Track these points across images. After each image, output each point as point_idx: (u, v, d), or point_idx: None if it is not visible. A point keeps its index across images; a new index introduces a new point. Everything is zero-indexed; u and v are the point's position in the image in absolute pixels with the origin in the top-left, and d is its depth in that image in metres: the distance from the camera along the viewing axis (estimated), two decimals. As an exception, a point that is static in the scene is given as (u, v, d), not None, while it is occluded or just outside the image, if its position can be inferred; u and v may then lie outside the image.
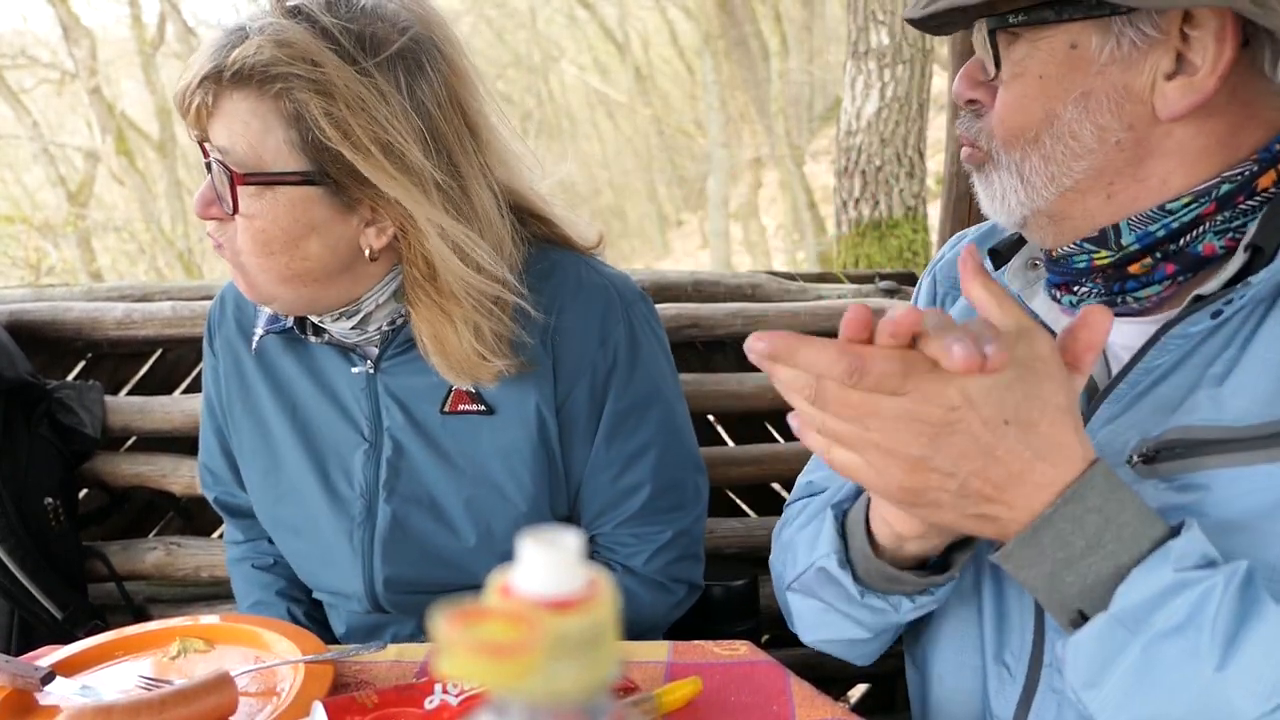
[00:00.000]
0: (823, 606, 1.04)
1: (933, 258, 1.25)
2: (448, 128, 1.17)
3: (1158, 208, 0.91)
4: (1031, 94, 0.91)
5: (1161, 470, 0.87)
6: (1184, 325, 0.88)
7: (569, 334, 1.25)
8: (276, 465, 1.35)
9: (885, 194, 6.06)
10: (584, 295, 1.27)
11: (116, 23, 12.31)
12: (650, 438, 1.31)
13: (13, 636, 1.79)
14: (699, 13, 12.30)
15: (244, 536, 1.51)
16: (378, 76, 1.11)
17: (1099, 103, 0.90)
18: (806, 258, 10.95)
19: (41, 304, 2.00)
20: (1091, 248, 0.94)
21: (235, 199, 1.13)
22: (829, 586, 1.01)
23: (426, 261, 1.17)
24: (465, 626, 0.34)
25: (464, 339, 1.18)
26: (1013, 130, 0.93)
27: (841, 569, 0.98)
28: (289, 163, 1.13)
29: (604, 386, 1.28)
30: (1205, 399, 0.86)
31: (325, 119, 1.09)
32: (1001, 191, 0.96)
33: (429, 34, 1.17)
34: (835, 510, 1.02)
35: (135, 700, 0.96)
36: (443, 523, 1.29)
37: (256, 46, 1.09)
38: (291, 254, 1.16)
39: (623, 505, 1.32)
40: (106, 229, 11.89)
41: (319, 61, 1.09)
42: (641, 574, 1.34)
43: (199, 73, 1.11)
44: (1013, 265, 1.05)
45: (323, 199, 1.14)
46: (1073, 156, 0.92)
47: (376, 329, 1.26)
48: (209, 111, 1.13)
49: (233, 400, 1.38)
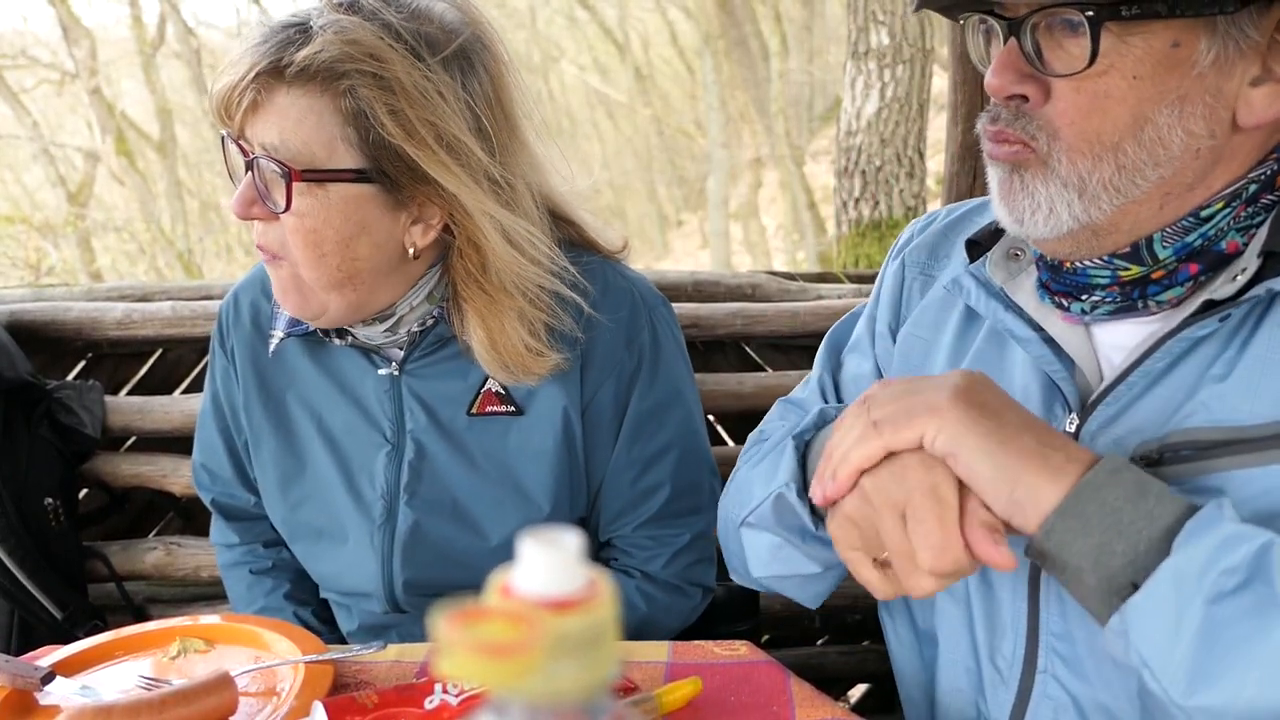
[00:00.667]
0: (777, 542, 1.03)
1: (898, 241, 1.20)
2: (495, 126, 1.18)
3: (1193, 215, 0.88)
4: (1118, 95, 0.83)
5: (1169, 474, 0.85)
6: (1193, 329, 0.86)
7: (597, 336, 1.27)
8: (300, 468, 1.35)
9: (885, 194, 6.06)
10: (611, 298, 1.28)
11: (116, 23, 12.31)
12: (671, 439, 1.32)
13: (13, 636, 1.79)
14: (699, 13, 12.30)
15: (239, 539, 1.49)
16: (440, 73, 1.12)
17: (1193, 108, 0.84)
18: (806, 258, 10.95)
19: (41, 304, 2.00)
20: (1122, 264, 0.90)
21: (290, 196, 1.12)
22: (785, 517, 1.00)
23: (479, 253, 1.17)
24: (465, 626, 0.34)
25: (516, 333, 1.19)
26: (1087, 135, 0.85)
27: (799, 499, 0.97)
28: (345, 160, 1.12)
29: (629, 388, 1.29)
30: (1209, 400, 0.85)
31: (389, 116, 1.09)
32: (1048, 201, 0.88)
33: (477, 34, 1.18)
34: (796, 440, 1.01)
35: (135, 700, 0.96)
36: (464, 525, 1.29)
37: (324, 44, 1.08)
38: (343, 255, 1.15)
39: (642, 507, 1.33)
40: (106, 229, 11.89)
41: (385, 59, 1.09)
42: (660, 579, 1.34)
43: (254, 68, 1.09)
44: (993, 257, 1.01)
45: (375, 197, 1.15)
46: (1153, 165, 0.85)
47: (406, 331, 1.26)
48: (256, 107, 1.11)
49: (251, 403, 1.36)
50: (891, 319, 1.15)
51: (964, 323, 1.06)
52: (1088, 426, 0.90)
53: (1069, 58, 0.84)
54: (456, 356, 1.26)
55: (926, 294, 1.11)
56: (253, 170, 1.13)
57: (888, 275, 1.17)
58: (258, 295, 1.37)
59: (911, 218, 6.20)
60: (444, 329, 1.26)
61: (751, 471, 1.09)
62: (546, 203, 1.29)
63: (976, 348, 1.03)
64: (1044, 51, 0.85)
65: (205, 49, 11.91)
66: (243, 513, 1.48)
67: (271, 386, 1.36)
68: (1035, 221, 0.89)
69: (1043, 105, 0.86)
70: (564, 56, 15.01)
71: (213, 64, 11.71)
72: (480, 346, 1.20)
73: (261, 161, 1.12)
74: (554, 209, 1.31)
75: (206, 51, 11.88)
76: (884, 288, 1.17)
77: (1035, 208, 0.88)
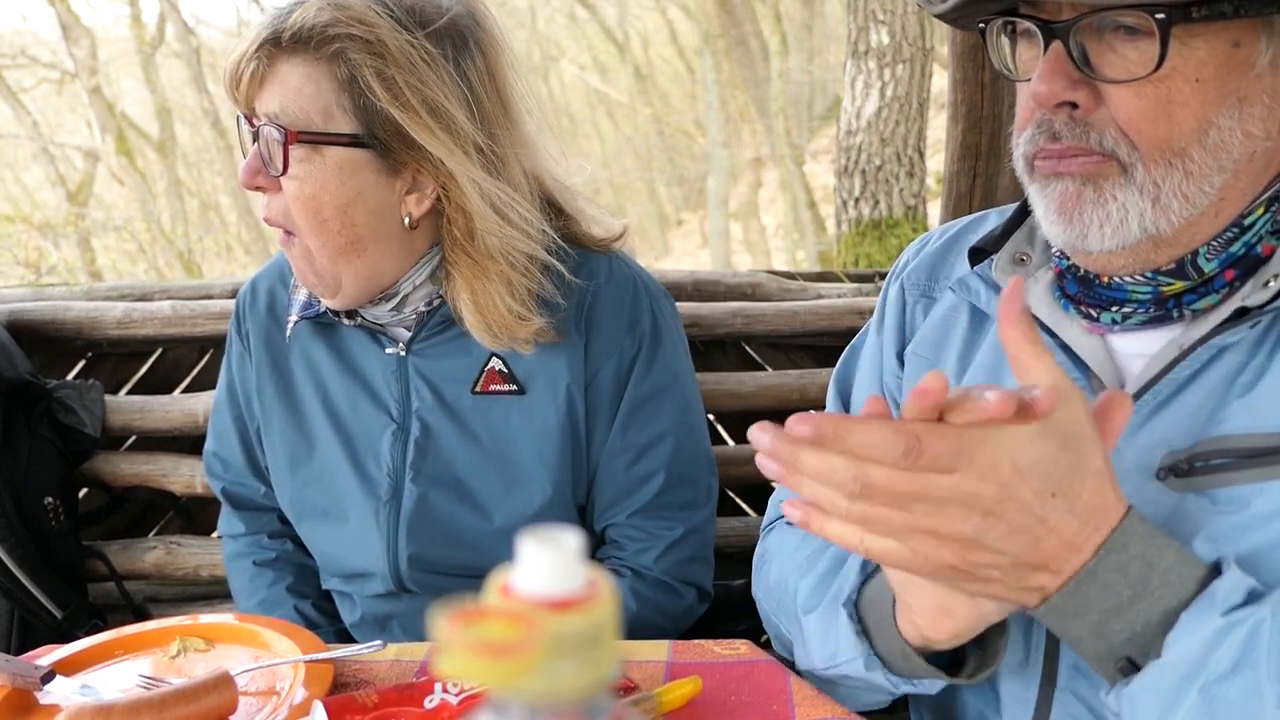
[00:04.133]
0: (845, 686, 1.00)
1: (896, 264, 1.18)
2: (488, 105, 1.22)
3: (1236, 225, 0.86)
4: (1182, 99, 0.80)
5: (1197, 484, 0.83)
6: (1224, 336, 0.83)
7: (601, 318, 1.30)
8: (309, 449, 1.37)
9: (885, 193, 6.06)
10: (615, 283, 1.32)
11: (116, 22, 12.30)
12: (666, 427, 1.34)
13: (13, 636, 1.79)
14: (699, 12, 12.29)
15: (245, 529, 1.51)
16: (428, 45, 1.16)
17: (1251, 110, 0.82)
18: (806, 257, 10.94)
19: (41, 304, 2.00)
20: (1166, 279, 0.87)
21: (286, 158, 1.17)
22: (855, 678, 0.96)
23: (465, 218, 1.21)
24: (465, 626, 0.34)
25: (500, 297, 1.22)
26: (1157, 141, 0.81)
27: (870, 670, 0.92)
28: (340, 125, 1.18)
29: (628, 371, 1.32)
30: (1239, 408, 0.83)
31: (377, 79, 1.14)
32: (1120, 211, 0.84)
33: (470, 11, 1.23)
34: (848, 608, 0.94)
35: (135, 699, 0.96)
36: (468, 504, 1.30)
37: (316, 9, 1.14)
38: (341, 220, 1.20)
39: (636, 494, 1.34)
40: (106, 229, 11.89)
41: (373, 24, 1.14)
42: (650, 576, 1.35)
43: (256, 39, 1.16)
44: (998, 262, 1.00)
45: (369, 162, 1.19)
46: (1217, 170, 0.83)
47: (413, 310, 1.29)
48: (261, 79, 1.17)
49: (264, 385, 1.40)
50: (897, 343, 1.13)
51: (969, 336, 1.04)
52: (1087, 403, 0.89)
53: (1124, 62, 0.80)
54: (462, 335, 1.29)
55: (930, 314, 1.10)
56: (257, 140, 1.19)
57: (889, 300, 1.15)
58: (275, 283, 1.42)
59: (911, 217, 6.21)
60: (449, 309, 1.29)
61: (806, 620, 1.01)
62: (540, 184, 1.32)
63: (982, 359, 1.01)
64: (1091, 56, 0.82)
65: (205, 48, 11.91)
66: (251, 502, 1.51)
67: (284, 369, 1.39)
68: (1102, 235, 0.85)
69: (1094, 112, 0.83)
70: (564, 56, 15.00)
71: (212, 63, 11.72)
72: (467, 311, 1.24)
73: (264, 129, 1.18)
74: (548, 192, 1.33)
75: (206, 51, 11.88)
76: (886, 313, 1.15)
77: (1105, 219, 0.84)
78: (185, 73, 11.99)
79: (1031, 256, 0.99)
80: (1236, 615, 0.73)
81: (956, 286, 1.03)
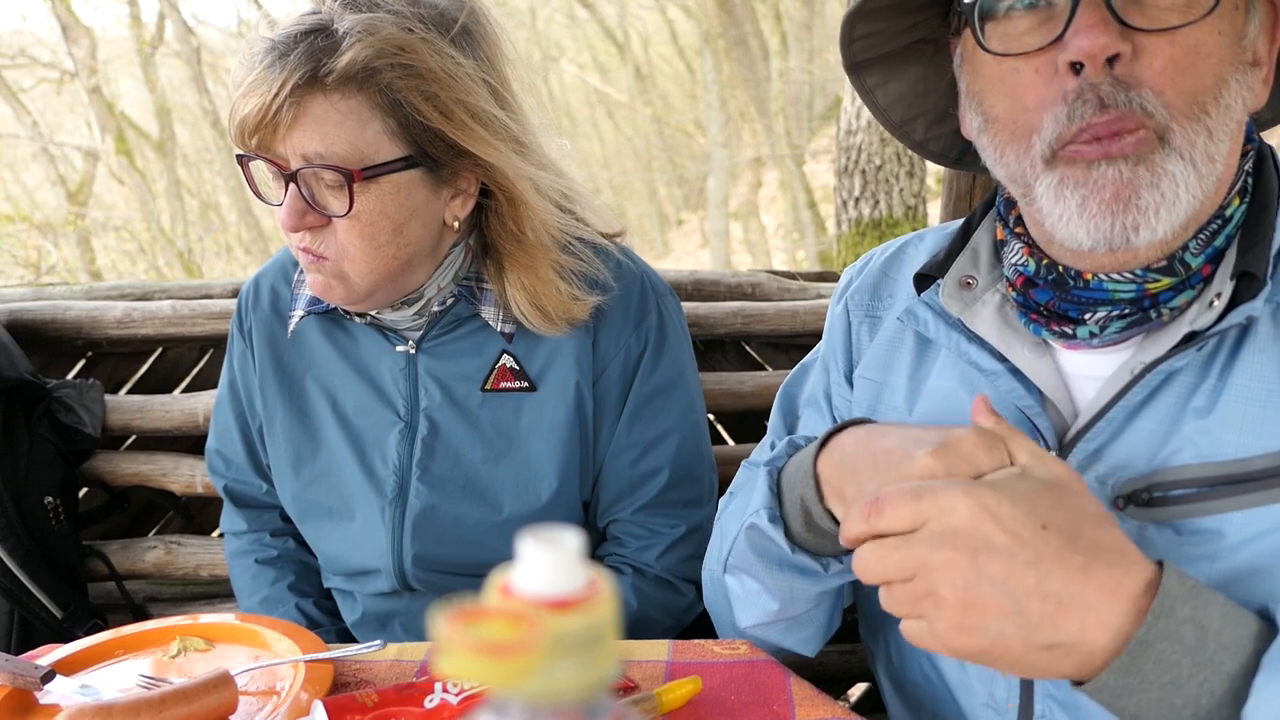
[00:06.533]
0: (757, 586, 1.00)
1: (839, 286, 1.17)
2: (505, 95, 1.23)
3: (1218, 216, 0.84)
4: (1208, 50, 0.76)
5: (1159, 515, 0.81)
6: (1172, 361, 0.82)
7: (609, 315, 1.31)
8: (314, 447, 1.37)
9: (885, 193, 6.06)
10: (623, 280, 1.33)
11: (116, 22, 12.32)
12: (671, 424, 1.34)
13: (13, 636, 1.79)
14: (699, 12, 12.28)
15: (247, 526, 1.51)
16: (454, 52, 1.15)
17: (1244, 73, 0.79)
18: (806, 257, 10.95)
19: (41, 303, 2.00)
20: (1154, 276, 0.84)
21: (353, 198, 1.13)
22: (761, 546, 0.96)
23: (517, 212, 1.22)
24: (465, 626, 0.34)
25: (554, 283, 1.24)
26: (1187, 95, 0.76)
27: (773, 524, 0.93)
28: (390, 150, 1.15)
29: (634, 368, 1.32)
30: (1194, 434, 0.81)
31: (424, 101, 1.13)
32: (1173, 189, 0.77)
33: (473, 11, 1.22)
34: (770, 467, 0.98)
35: (135, 699, 0.96)
36: (475, 501, 1.31)
37: (358, 46, 1.09)
38: (397, 242, 1.19)
39: (640, 490, 1.34)
40: (106, 228, 11.89)
41: (412, 48, 1.12)
42: (651, 574, 1.35)
43: (286, 84, 1.09)
44: (944, 288, 0.97)
45: (421, 180, 1.18)
46: (1225, 135, 0.79)
47: (426, 308, 1.29)
48: (295, 121, 1.11)
49: (267, 383, 1.39)
50: (845, 365, 1.12)
51: (916, 360, 1.03)
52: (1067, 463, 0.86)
53: (1156, 10, 0.75)
54: (473, 333, 1.29)
55: (876, 335, 1.08)
56: (296, 182, 1.14)
57: (835, 322, 1.14)
58: (278, 280, 1.41)
59: (911, 217, 6.21)
60: (463, 308, 1.29)
61: (724, 513, 1.06)
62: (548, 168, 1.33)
63: (935, 385, 0.99)
64: (1120, 9, 0.76)
65: (205, 48, 11.91)
66: (253, 500, 1.51)
67: (288, 367, 1.39)
68: (1158, 219, 0.78)
69: (1131, 67, 0.76)
70: (564, 56, 15.00)
71: (212, 63, 11.72)
72: (524, 304, 1.25)
73: (306, 172, 1.13)
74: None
75: (206, 51, 11.88)
76: (834, 335, 1.14)
77: (1161, 200, 0.78)
78: (185, 73, 11.99)
79: (977, 279, 0.96)
80: None
81: (904, 317, 1.01)
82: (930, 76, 0.98)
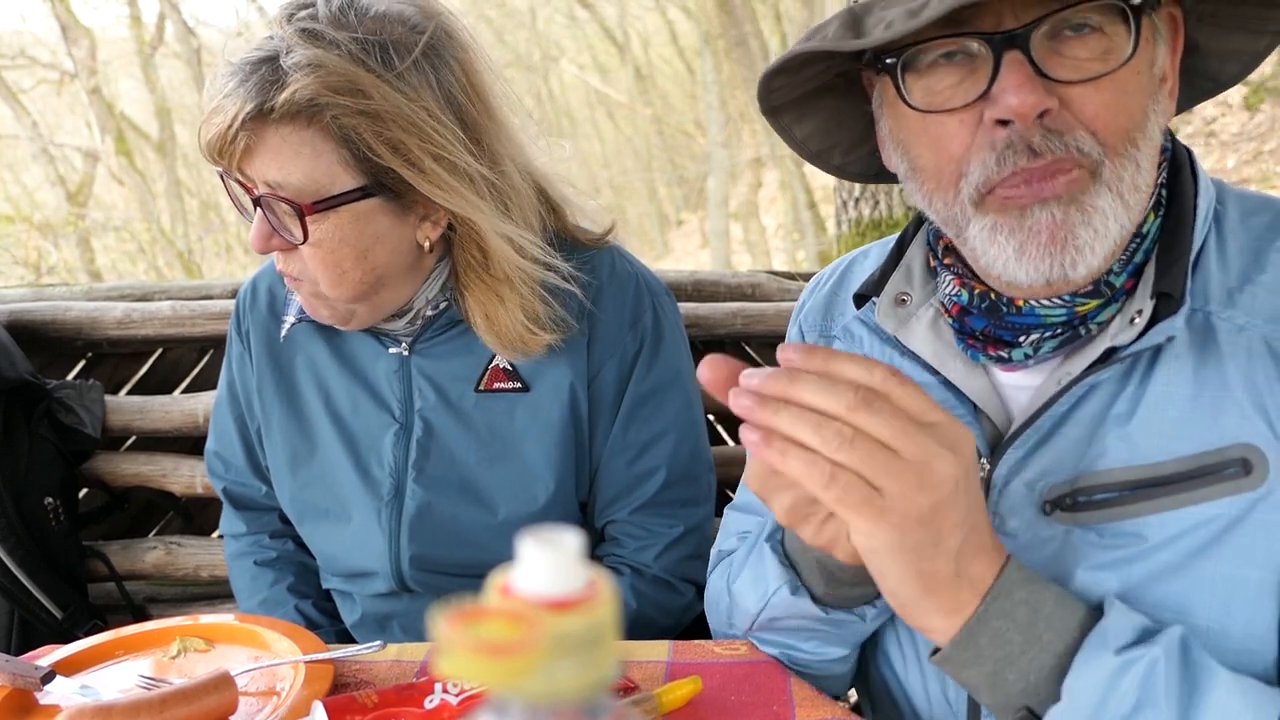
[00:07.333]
0: (788, 641, 1.02)
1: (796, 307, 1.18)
2: (475, 114, 1.19)
3: (1137, 234, 0.86)
4: (1133, 87, 0.79)
5: (1083, 519, 0.84)
6: (1094, 376, 0.85)
7: (604, 316, 1.30)
8: (310, 449, 1.37)
9: (885, 194, 6.05)
10: (618, 281, 1.33)
11: (116, 22, 12.33)
12: (668, 424, 1.34)
13: (13, 636, 1.79)
14: (699, 13, 12.29)
15: (246, 529, 1.52)
16: (411, 81, 1.12)
17: (1159, 98, 0.83)
18: (806, 257, 10.95)
19: (41, 304, 2.00)
20: (1081, 300, 0.86)
21: (306, 229, 1.14)
22: (792, 620, 0.98)
23: (481, 250, 1.21)
24: (465, 626, 0.34)
25: (514, 316, 1.23)
26: (1120, 133, 0.79)
27: (796, 595, 0.95)
28: (346, 181, 1.14)
29: (630, 368, 1.32)
30: (1116, 440, 0.84)
31: (377, 141, 1.11)
32: (1104, 223, 0.81)
33: (439, 25, 1.18)
34: (771, 543, 0.98)
35: (135, 700, 0.96)
36: (471, 502, 1.31)
37: (298, 84, 1.08)
38: (363, 268, 1.19)
39: (637, 491, 1.34)
40: (106, 229, 11.90)
41: (361, 85, 1.09)
42: (650, 574, 1.35)
43: (238, 115, 1.10)
44: (880, 307, 0.99)
45: (382, 207, 1.17)
46: (1150, 164, 0.83)
47: (418, 316, 1.30)
48: (249, 149, 1.12)
49: (264, 385, 1.40)
50: None
51: None
52: (998, 471, 0.89)
53: (1076, 61, 0.78)
54: (465, 334, 1.29)
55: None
56: (261, 206, 1.15)
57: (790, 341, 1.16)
58: (275, 281, 1.41)
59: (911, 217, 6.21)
60: (455, 312, 1.29)
61: (733, 585, 1.05)
62: (530, 176, 1.31)
63: None
64: (1040, 62, 0.78)
65: (205, 49, 11.91)
66: (252, 502, 1.51)
67: (285, 369, 1.39)
68: (1092, 253, 0.81)
69: (1060, 116, 0.79)
70: (564, 56, 15.01)
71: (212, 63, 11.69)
72: (480, 325, 1.25)
73: (268, 199, 1.14)
74: (537, 182, 1.33)
75: (206, 51, 11.88)
76: None
77: (1094, 236, 0.80)
78: (185, 73, 12.00)
79: (912, 296, 0.98)
80: (1130, 654, 0.74)
81: (842, 335, 1.04)
82: (844, 109, 0.99)
